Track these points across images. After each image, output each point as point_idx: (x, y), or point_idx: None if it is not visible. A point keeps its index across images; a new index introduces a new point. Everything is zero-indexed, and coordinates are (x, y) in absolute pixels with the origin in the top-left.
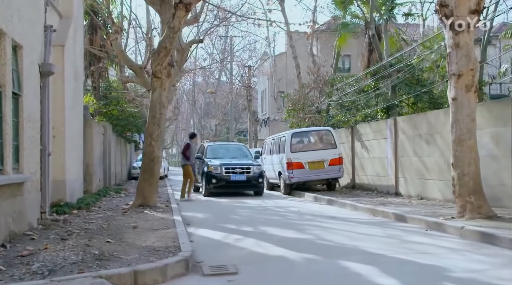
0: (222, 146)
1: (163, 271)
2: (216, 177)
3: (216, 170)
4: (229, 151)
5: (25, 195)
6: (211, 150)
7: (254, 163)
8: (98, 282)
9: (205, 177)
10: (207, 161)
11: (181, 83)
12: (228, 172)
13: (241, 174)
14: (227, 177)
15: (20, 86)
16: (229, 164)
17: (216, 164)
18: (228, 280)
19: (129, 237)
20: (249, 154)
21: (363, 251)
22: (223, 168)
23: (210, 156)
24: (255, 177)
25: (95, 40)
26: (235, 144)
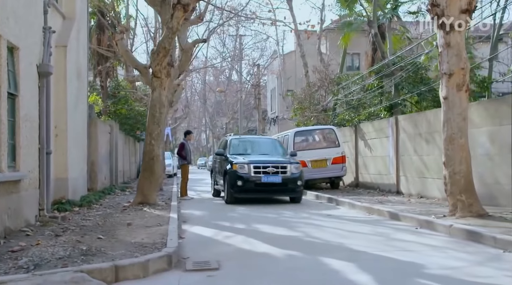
0: (250, 140)
1: (144, 266)
2: (242, 177)
3: (243, 168)
4: (258, 146)
5: (21, 192)
6: (235, 144)
7: (291, 161)
8: (78, 276)
9: (228, 178)
10: (231, 158)
11: (192, 82)
12: (258, 171)
13: (275, 175)
14: (256, 178)
15: (16, 86)
16: (259, 161)
17: (242, 162)
18: (208, 275)
19: (120, 233)
20: (283, 150)
21: (347, 248)
22: (252, 166)
23: (235, 152)
24: (292, 178)
25: (103, 40)
26: (266, 138)
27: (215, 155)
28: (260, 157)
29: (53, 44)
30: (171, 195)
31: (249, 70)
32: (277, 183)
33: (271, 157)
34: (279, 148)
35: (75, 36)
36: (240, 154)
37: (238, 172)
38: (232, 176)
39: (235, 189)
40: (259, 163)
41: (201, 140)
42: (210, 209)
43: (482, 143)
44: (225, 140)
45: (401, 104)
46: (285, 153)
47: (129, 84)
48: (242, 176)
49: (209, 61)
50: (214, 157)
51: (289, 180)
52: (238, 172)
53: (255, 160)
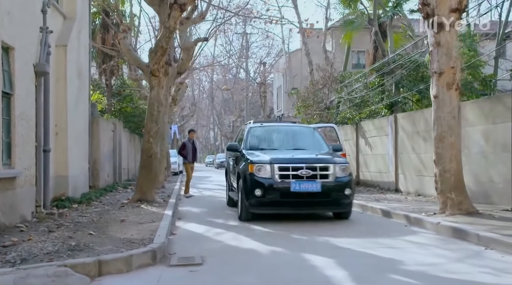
0: (276, 129)
1: (127, 261)
2: (262, 184)
3: (263, 170)
4: (288, 137)
5: (17, 189)
6: (255, 135)
7: (335, 159)
8: (61, 270)
9: (242, 184)
10: (247, 155)
11: (200, 80)
12: (285, 174)
13: (312, 181)
14: (283, 185)
15: (12, 86)
16: (287, 160)
17: (262, 160)
18: (190, 270)
19: (112, 229)
20: (323, 143)
21: (332, 245)
22: (276, 167)
23: (254, 146)
24: (338, 185)
25: (107, 39)
26: (299, 126)
27: (227, 150)
28: (289, 153)
29: (53, 44)
30: (171, 192)
31: (256, 69)
32: (315, 192)
33: (306, 153)
34: (318, 139)
35: (76, 36)
36: (261, 149)
37: (257, 176)
38: (247, 181)
39: (251, 201)
40: (287, 162)
41: (209, 138)
42: (207, 206)
43: (476, 141)
44: (242, 130)
45: (402, 102)
46: (326, 147)
47: (135, 83)
48: (262, 182)
49: (216, 59)
50: (227, 153)
51: (333, 188)
52: (257, 175)
53: (282, 158)
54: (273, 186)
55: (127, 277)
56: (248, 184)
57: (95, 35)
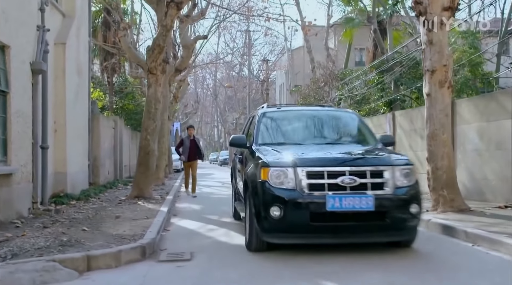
0: (299, 115)
1: (116, 256)
2: (282, 199)
3: (283, 177)
4: (316, 127)
5: (13, 185)
6: (270, 123)
7: (394, 159)
8: (50, 265)
9: (252, 196)
10: (259, 152)
11: (203, 77)
12: (318, 184)
13: (359, 194)
14: (315, 199)
15: (7, 84)
16: (321, 160)
17: (283, 162)
18: (177, 265)
19: (106, 225)
20: (369, 133)
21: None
22: (304, 171)
23: (268, 139)
24: (399, 198)
25: (109, 37)
26: (333, 110)
27: (231, 147)
28: (321, 150)
29: (52, 42)
30: (170, 189)
31: (260, 66)
32: (365, 212)
33: (346, 148)
34: (361, 129)
35: (75, 34)
36: (279, 144)
37: (273, 185)
38: (259, 193)
39: (264, 225)
40: (320, 164)
41: (213, 136)
42: (205, 203)
43: (471, 138)
44: (253, 118)
45: (401, 100)
46: (373, 140)
47: (137, 80)
48: (282, 196)
49: (219, 57)
50: (231, 150)
51: (393, 204)
52: (273, 184)
53: (312, 158)
54: (298, 202)
55: (115, 272)
56: (260, 197)
57: (96, 33)
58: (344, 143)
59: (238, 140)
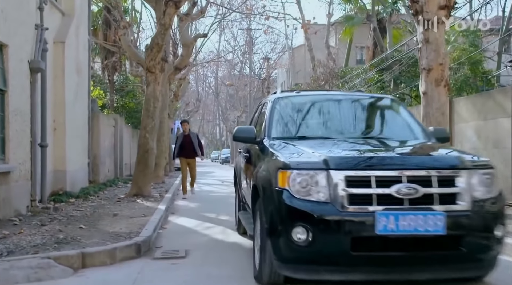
0: (324, 101)
1: (111, 253)
2: (309, 216)
3: (311, 184)
4: (348, 117)
5: (11, 183)
6: (286, 112)
7: (466, 159)
8: (44, 262)
9: (265, 210)
10: (274, 149)
11: (205, 76)
12: (362, 195)
13: (423, 212)
14: (358, 217)
15: (5, 82)
16: (364, 159)
17: (309, 161)
18: (172, 263)
19: (103, 223)
20: (418, 126)
21: None
22: (342, 176)
23: (285, 132)
24: (480, 216)
25: (109, 36)
26: (367, 96)
27: (235, 142)
28: (357, 146)
29: (51, 41)
30: (170, 187)
31: (261, 65)
32: (433, 237)
33: (390, 144)
34: (405, 120)
35: (75, 32)
36: (300, 138)
37: (296, 197)
38: (276, 207)
39: (284, 252)
40: (365, 165)
41: (215, 134)
42: (204, 201)
43: (469, 137)
44: (262, 104)
45: (400, 98)
46: (424, 134)
47: (137, 78)
48: (309, 212)
49: (220, 55)
50: (234, 146)
51: (472, 225)
52: (295, 194)
53: (352, 156)
54: (334, 222)
55: (110, 269)
56: (277, 213)
57: (97, 32)
58: (386, 137)
59: (245, 133)
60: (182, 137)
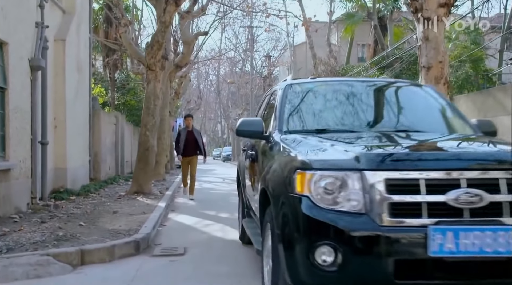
0: (346, 88)
1: (110, 251)
2: (339, 232)
3: (339, 189)
4: (376, 105)
5: (11, 181)
6: (301, 99)
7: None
8: (43, 259)
9: (277, 223)
10: (287, 144)
11: (207, 73)
12: (410, 204)
13: (490, 226)
14: (404, 235)
15: (5, 80)
16: (410, 155)
17: (338, 160)
18: (170, 260)
19: (102, 221)
20: (459, 117)
21: None
22: (382, 179)
23: (300, 124)
24: None
25: (110, 33)
26: (396, 83)
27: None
28: (392, 141)
29: (52, 38)
30: (171, 185)
31: (263, 62)
32: (505, 260)
33: (434, 138)
34: (445, 110)
35: (75, 30)
36: (317, 132)
37: (320, 206)
38: (293, 218)
39: (305, 277)
40: (411, 164)
41: (217, 131)
42: (205, 198)
43: None
44: (270, 94)
45: None
46: (467, 126)
47: (138, 76)
48: (338, 226)
49: (221, 52)
50: (243, 144)
51: None
52: (319, 203)
53: (393, 152)
54: (371, 240)
55: (108, 266)
56: (295, 227)
57: (98, 30)
58: (425, 130)
59: (250, 126)
60: (186, 133)
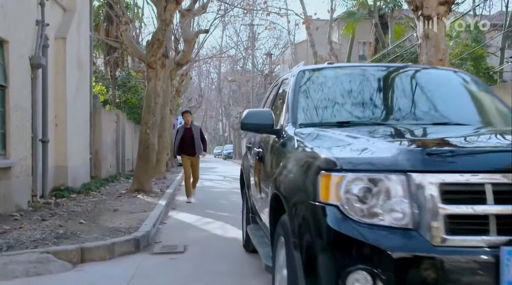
0: (370, 74)
1: (110, 248)
2: (381, 254)
3: (377, 199)
4: (407, 94)
5: (12, 179)
6: (317, 88)
7: None
8: (43, 257)
9: (296, 240)
10: (305, 139)
11: (208, 72)
12: (473, 217)
13: None
14: (468, 260)
15: (6, 78)
16: (470, 152)
17: (374, 159)
18: (170, 258)
19: (103, 218)
20: (503, 107)
21: None
22: (436, 183)
23: (317, 116)
24: None
25: (111, 31)
26: (427, 70)
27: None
28: (447, 134)
29: (53, 37)
30: (171, 183)
31: (264, 60)
32: None
33: (481, 131)
34: (484, 100)
35: (76, 28)
36: (338, 125)
37: (352, 218)
38: (317, 234)
39: None
40: (472, 165)
41: (218, 130)
42: (206, 196)
43: None
44: (279, 83)
45: None
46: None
47: (139, 74)
48: (379, 246)
49: (223, 50)
50: (247, 140)
51: None
52: (352, 215)
53: (446, 149)
54: (422, 264)
55: (108, 264)
56: (317, 246)
57: (99, 28)
58: (470, 123)
59: (258, 118)
60: (183, 131)
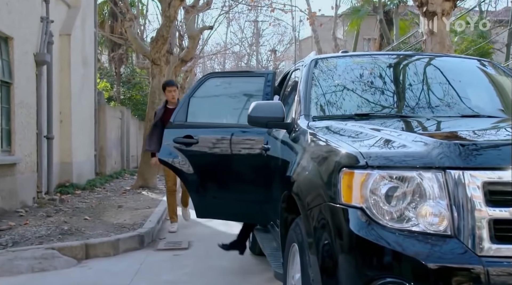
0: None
1: (114, 245)
2: (416, 265)
3: (411, 201)
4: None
5: (17, 175)
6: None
7: None
8: (48, 253)
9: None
10: (322, 133)
11: (212, 68)
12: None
13: None
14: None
15: (11, 75)
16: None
17: (405, 154)
18: (174, 254)
19: (107, 215)
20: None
21: None
22: (479, 182)
23: (332, 108)
24: None
25: (116, 28)
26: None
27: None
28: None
29: (57, 33)
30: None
31: (268, 57)
32: None
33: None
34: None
35: (80, 25)
36: (356, 119)
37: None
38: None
39: None
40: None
41: None
42: None
43: None
44: (294, 71)
45: None
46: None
47: (144, 70)
48: (413, 256)
49: (227, 47)
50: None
51: None
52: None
53: (490, 144)
54: (465, 277)
55: (113, 260)
56: (339, 255)
57: (103, 24)
58: (498, 116)
59: (267, 110)
60: (164, 113)
